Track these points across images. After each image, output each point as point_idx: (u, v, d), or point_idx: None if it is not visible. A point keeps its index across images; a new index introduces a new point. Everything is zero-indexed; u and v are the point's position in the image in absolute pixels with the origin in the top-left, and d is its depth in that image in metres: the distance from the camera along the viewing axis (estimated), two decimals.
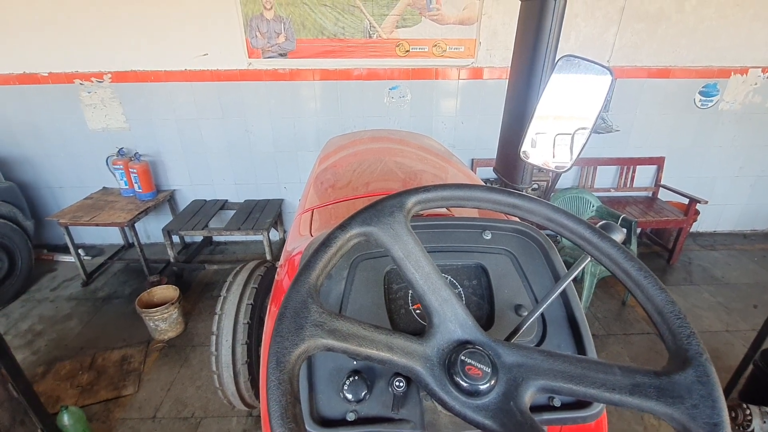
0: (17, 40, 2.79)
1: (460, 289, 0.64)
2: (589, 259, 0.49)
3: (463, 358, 0.40)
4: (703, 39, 2.98)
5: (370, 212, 0.44)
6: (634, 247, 2.52)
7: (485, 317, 0.61)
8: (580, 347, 0.57)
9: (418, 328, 0.60)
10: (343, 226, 0.44)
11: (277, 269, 0.88)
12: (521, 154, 0.80)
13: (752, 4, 2.88)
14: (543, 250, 0.66)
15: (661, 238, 3.50)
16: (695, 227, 3.60)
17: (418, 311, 0.61)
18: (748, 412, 1.68)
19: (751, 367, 1.82)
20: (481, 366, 0.39)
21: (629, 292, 0.43)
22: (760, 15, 2.92)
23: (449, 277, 0.64)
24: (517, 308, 0.60)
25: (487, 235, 0.67)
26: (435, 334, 0.42)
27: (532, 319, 0.51)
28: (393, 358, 0.39)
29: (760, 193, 3.64)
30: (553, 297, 0.51)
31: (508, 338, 0.51)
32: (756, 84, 3.15)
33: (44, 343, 2.45)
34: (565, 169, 0.76)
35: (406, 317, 0.61)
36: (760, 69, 3.10)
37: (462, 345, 0.41)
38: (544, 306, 0.51)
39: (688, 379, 0.36)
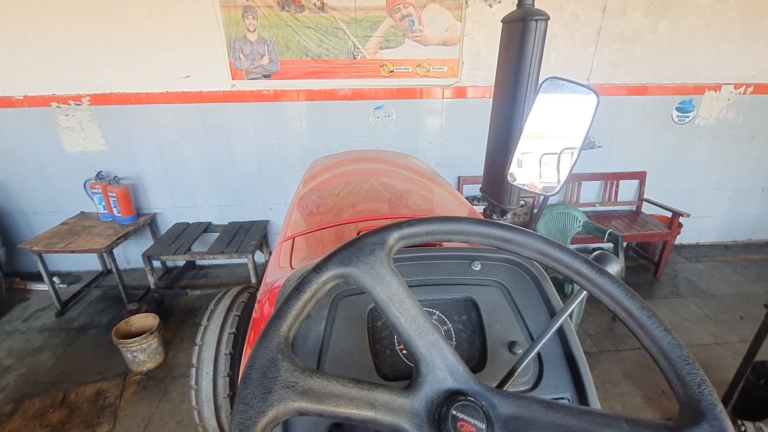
0: None
1: (449, 325, 0.60)
2: (585, 293, 0.46)
3: (454, 413, 0.36)
4: (676, 58, 3.09)
5: (348, 251, 0.40)
6: (622, 262, 2.52)
7: (477, 356, 0.58)
8: (580, 388, 0.53)
9: (405, 371, 0.56)
10: (318, 268, 0.39)
11: (255, 304, 0.83)
12: (508, 176, 0.78)
13: (720, 26, 3.01)
14: (536, 282, 0.62)
15: (647, 252, 3.54)
16: (678, 239, 3.65)
17: (404, 351, 0.57)
18: (743, 429, 1.66)
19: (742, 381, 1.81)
20: (475, 421, 0.35)
21: (632, 333, 0.39)
22: (728, 35, 3.04)
23: (437, 312, 0.60)
24: (511, 346, 0.56)
25: (477, 266, 0.63)
26: (423, 384, 0.38)
27: (527, 360, 0.47)
28: (376, 417, 0.35)
29: (738, 205, 3.73)
30: (550, 334, 0.47)
31: (503, 381, 0.47)
32: (729, 100, 3.26)
33: (13, 379, 2.31)
34: (554, 191, 0.73)
35: (391, 359, 0.57)
36: (732, 85, 3.21)
37: (453, 396, 0.37)
38: (540, 344, 0.47)
39: None
